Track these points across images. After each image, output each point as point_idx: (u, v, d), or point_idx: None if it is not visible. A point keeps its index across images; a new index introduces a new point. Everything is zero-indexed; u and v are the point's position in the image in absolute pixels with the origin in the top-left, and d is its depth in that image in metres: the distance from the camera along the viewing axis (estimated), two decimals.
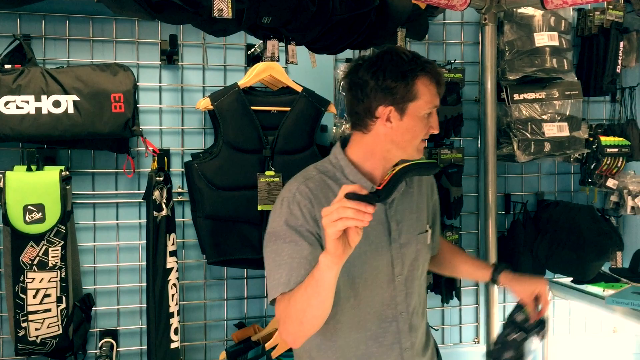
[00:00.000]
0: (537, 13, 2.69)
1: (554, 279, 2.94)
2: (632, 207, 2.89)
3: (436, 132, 1.63)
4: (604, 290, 2.65)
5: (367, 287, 1.61)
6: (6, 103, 2.09)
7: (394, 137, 1.59)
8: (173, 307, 2.23)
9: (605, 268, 2.84)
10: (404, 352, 1.66)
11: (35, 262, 2.09)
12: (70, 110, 2.17)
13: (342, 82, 2.54)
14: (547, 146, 2.69)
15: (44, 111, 2.14)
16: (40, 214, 2.09)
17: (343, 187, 1.27)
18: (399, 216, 1.67)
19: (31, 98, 2.13)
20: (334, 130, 2.57)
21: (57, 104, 2.15)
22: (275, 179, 2.32)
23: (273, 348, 2.34)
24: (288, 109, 2.37)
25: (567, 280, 2.85)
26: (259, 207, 2.31)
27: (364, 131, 1.61)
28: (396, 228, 1.65)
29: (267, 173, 2.32)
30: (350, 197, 1.24)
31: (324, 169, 1.66)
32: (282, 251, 1.52)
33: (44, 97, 2.14)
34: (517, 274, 1.87)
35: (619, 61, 2.84)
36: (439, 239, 1.96)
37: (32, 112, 2.12)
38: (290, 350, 2.36)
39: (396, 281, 1.65)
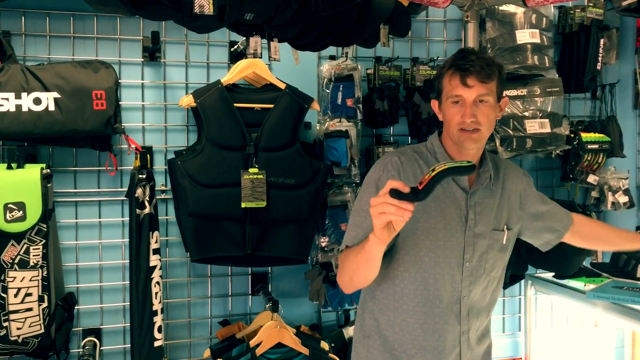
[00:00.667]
0: (518, 10, 2.71)
1: (536, 274, 2.97)
2: (613, 203, 2.93)
3: (466, 120, 1.66)
4: (585, 285, 2.68)
5: (438, 265, 1.70)
6: None
7: (444, 123, 1.75)
8: (156, 305, 2.22)
9: (586, 263, 2.87)
10: (462, 335, 1.76)
11: (16, 261, 2.07)
12: (51, 107, 2.15)
13: (325, 79, 2.55)
14: (529, 143, 2.72)
15: (24, 108, 2.12)
16: (21, 212, 2.07)
17: (389, 182, 1.40)
18: (479, 208, 1.75)
19: (11, 95, 2.11)
20: (318, 127, 2.57)
21: (37, 101, 2.14)
22: (259, 176, 2.32)
23: (257, 345, 2.34)
24: (271, 106, 2.37)
25: (549, 275, 2.87)
26: (243, 205, 2.30)
27: None
28: (473, 217, 1.73)
29: (251, 170, 2.32)
30: (392, 194, 1.37)
31: (418, 149, 1.81)
32: (362, 210, 1.69)
33: (24, 95, 2.12)
34: None
35: (600, 58, 2.87)
36: (574, 218, 2.00)
37: (12, 109, 2.10)
38: (274, 347, 2.36)
39: (464, 266, 1.73)
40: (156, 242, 2.23)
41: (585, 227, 2.01)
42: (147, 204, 2.20)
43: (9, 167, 2.11)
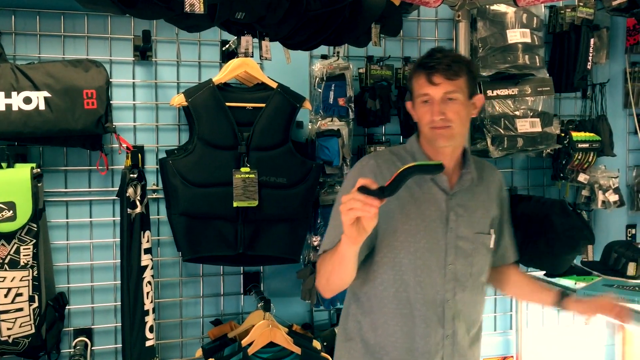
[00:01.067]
0: (509, 10, 2.72)
1: (528, 273, 2.97)
2: (603, 202, 2.95)
3: (434, 117, 1.66)
4: (575, 283, 2.69)
5: (418, 267, 1.69)
6: None
7: (418, 124, 1.76)
8: (148, 305, 2.21)
9: (577, 261, 2.89)
10: (446, 339, 1.73)
11: (6, 260, 2.06)
12: (42, 106, 2.14)
13: (317, 78, 2.55)
14: (520, 142, 2.73)
15: (15, 108, 2.11)
16: (11, 212, 2.06)
17: (359, 180, 1.42)
18: (461, 210, 1.74)
19: (1, 94, 2.10)
20: (310, 127, 2.57)
21: (27, 100, 2.13)
22: (251, 176, 2.31)
23: (250, 344, 2.34)
24: (263, 105, 2.37)
25: (540, 273, 2.88)
26: (235, 204, 2.30)
27: None
28: (455, 219, 1.72)
29: (243, 169, 2.32)
30: (360, 190, 1.40)
31: (396, 151, 1.81)
32: (338, 214, 1.66)
33: (14, 94, 2.11)
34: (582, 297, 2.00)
35: (590, 58, 2.88)
36: (512, 262, 1.98)
37: (2, 108, 2.10)
38: (266, 346, 2.36)
39: (447, 269, 1.71)
40: (147, 241, 2.22)
41: (512, 275, 1.99)
42: (138, 203, 2.19)
43: None
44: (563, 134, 2.87)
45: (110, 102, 2.30)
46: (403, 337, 1.71)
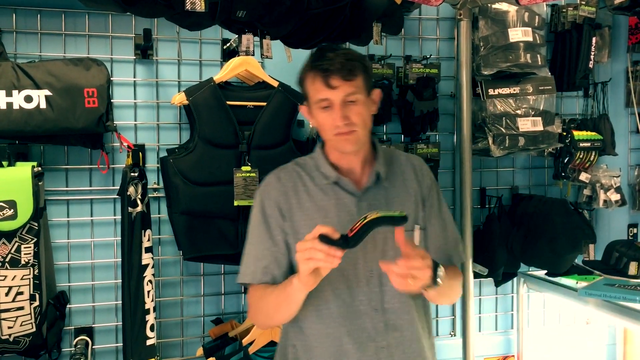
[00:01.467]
0: (511, 9, 2.72)
1: (529, 272, 2.97)
2: (605, 201, 2.94)
3: (338, 123, 1.56)
4: (577, 283, 2.69)
5: (335, 280, 1.59)
6: None
7: (319, 130, 1.66)
8: (149, 304, 2.21)
9: (578, 261, 2.88)
10: (380, 351, 1.62)
11: (7, 259, 2.06)
12: (43, 105, 2.14)
13: None
14: (522, 141, 2.72)
15: (15, 106, 2.11)
16: (12, 210, 2.05)
17: (317, 227, 1.38)
18: (374, 210, 1.58)
19: (2, 93, 2.10)
20: (311, 125, 2.57)
21: (28, 99, 2.12)
22: (252, 174, 2.31)
23: (250, 344, 2.34)
24: (264, 104, 2.36)
25: (541, 272, 2.88)
26: (235, 203, 2.30)
27: None
28: None
29: (243, 168, 2.32)
30: (322, 239, 1.36)
31: (302, 162, 1.74)
32: (253, 240, 1.68)
33: (15, 92, 2.11)
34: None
35: (592, 56, 2.88)
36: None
37: (3, 107, 2.09)
38: (267, 345, 2.36)
39: (369, 276, 1.62)
40: (148, 240, 2.22)
41: None
42: (139, 202, 2.19)
43: (0, 165, 2.10)
44: (565, 133, 2.87)
45: (111, 100, 2.30)
46: (336, 356, 1.61)
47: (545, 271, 2.85)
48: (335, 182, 1.66)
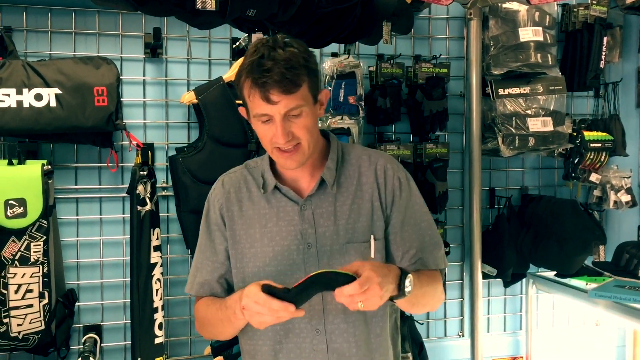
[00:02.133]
0: (521, 8, 2.70)
1: (538, 273, 2.96)
2: (615, 202, 2.92)
3: (279, 141, 1.40)
4: (587, 284, 2.67)
5: None
6: None
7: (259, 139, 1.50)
8: (157, 302, 2.21)
9: (588, 262, 2.87)
10: None
11: (17, 257, 2.07)
12: (53, 103, 2.14)
13: (327, 76, 2.54)
14: (532, 141, 2.71)
15: (26, 104, 2.11)
16: (21, 208, 2.06)
17: (259, 282, 1.30)
18: (320, 219, 1.50)
19: (12, 91, 2.10)
20: (320, 125, 2.56)
21: (39, 97, 2.13)
22: None
23: None
24: None
25: (551, 274, 2.87)
26: None
27: None
28: (313, 231, 1.49)
29: None
30: (265, 291, 1.28)
31: (253, 164, 1.62)
32: (198, 248, 1.62)
33: (25, 91, 2.12)
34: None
35: (603, 56, 2.86)
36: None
37: (14, 105, 2.10)
38: None
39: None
40: (157, 239, 2.22)
41: None
42: (148, 200, 2.19)
43: (10, 163, 2.11)
44: (575, 133, 2.85)
45: (121, 99, 2.30)
46: None
47: (555, 272, 2.84)
48: (276, 188, 1.53)
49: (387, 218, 1.54)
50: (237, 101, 2.30)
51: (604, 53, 2.86)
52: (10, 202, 2.05)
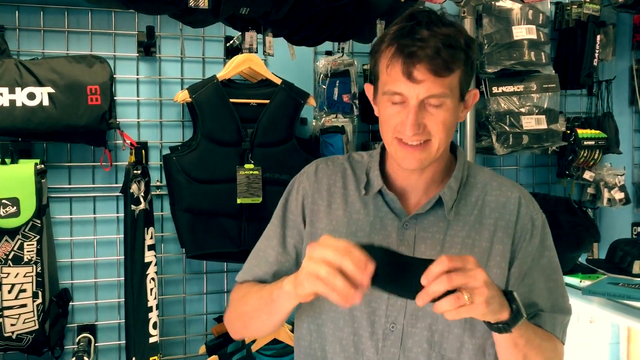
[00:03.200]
0: (515, 6, 2.71)
1: None
2: (609, 199, 2.93)
3: (406, 131, 1.14)
4: (580, 282, 2.67)
5: (341, 320, 1.26)
6: None
7: (379, 121, 1.23)
8: (152, 302, 2.21)
9: (582, 259, 2.87)
10: None
11: (10, 256, 2.06)
12: (45, 102, 2.13)
13: (321, 75, 2.54)
14: (525, 139, 2.72)
15: (18, 103, 2.10)
16: (14, 208, 2.05)
17: (324, 237, 1.01)
18: (423, 246, 1.23)
19: (5, 90, 2.09)
20: (314, 123, 2.56)
21: (31, 96, 2.12)
22: (255, 172, 2.31)
23: (253, 342, 2.34)
24: (267, 101, 2.36)
25: None
26: (238, 200, 2.29)
27: None
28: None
29: (247, 166, 2.31)
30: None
31: (357, 157, 1.36)
32: (265, 233, 1.40)
33: (18, 89, 2.10)
34: None
35: (596, 54, 2.87)
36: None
37: (6, 104, 2.08)
38: (270, 343, 2.36)
39: (387, 330, 1.20)
40: (151, 238, 2.22)
41: None
42: (142, 199, 2.19)
43: (3, 163, 2.10)
44: (569, 131, 2.86)
45: (114, 98, 2.29)
46: None
47: None
48: (380, 193, 1.27)
49: (509, 265, 1.25)
50: (232, 100, 2.32)
51: (597, 51, 2.87)
52: (3, 201, 2.04)
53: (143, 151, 2.25)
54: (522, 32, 2.69)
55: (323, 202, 1.31)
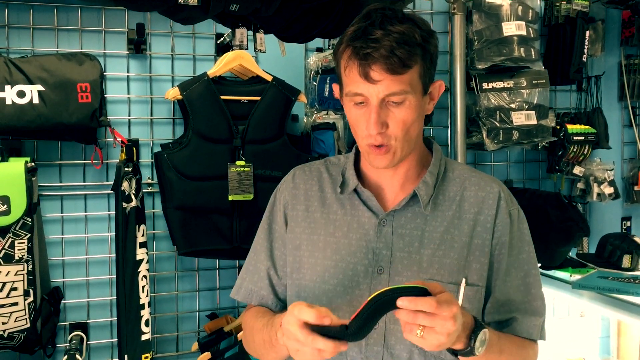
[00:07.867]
0: (505, 3, 2.72)
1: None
2: (598, 194, 2.96)
3: (370, 131, 1.16)
4: (571, 276, 2.69)
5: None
6: None
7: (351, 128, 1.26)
8: (144, 299, 2.21)
9: (572, 254, 2.89)
10: None
11: (0, 255, 2.05)
12: (35, 100, 2.13)
13: (312, 71, 2.54)
14: (516, 134, 2.73)
15: (8, 101, 2.10)
16: (5, 206, 2.05)
17: (300, 306, 1.02)
18: (401, 242, 1.23)
19: None
20: (305, 120, 2.57)
21: (21, 94, 2.11)
22: (246, 169, 2.31)
23: None
24: (258, 98, 2.36)
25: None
26: (230, 197, 2.30)
27: None
28: (389, 255, 1.22)
29: (238, 163, 2.31)
30: (314, 329, 1.01)
31: (334, 160, 1.39)
32: (253, 246, 1.44)
33: (7, 87, 2.09)
34: None
35: (585, 50, 2.89)
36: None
37: None
38: None
39: (370, 335, 1.16)
40: (143, 235, 2.22)
41: None
42: (133, 197, 2.18)
43: None
44: (558, 127, 2.88)
45: (105, 95, 2.28)
46: None
47: (539, 264, 2.86)
48: (355, 192, 1.29)
49: (489, 259, 1.25)
50: (223, 97, 2.32)
51: (586, 47, 2.89)
52: None
53: (134, 149, 2.24)
54: (511, 28, 2.70)
55: (301, 207, 1.34)
